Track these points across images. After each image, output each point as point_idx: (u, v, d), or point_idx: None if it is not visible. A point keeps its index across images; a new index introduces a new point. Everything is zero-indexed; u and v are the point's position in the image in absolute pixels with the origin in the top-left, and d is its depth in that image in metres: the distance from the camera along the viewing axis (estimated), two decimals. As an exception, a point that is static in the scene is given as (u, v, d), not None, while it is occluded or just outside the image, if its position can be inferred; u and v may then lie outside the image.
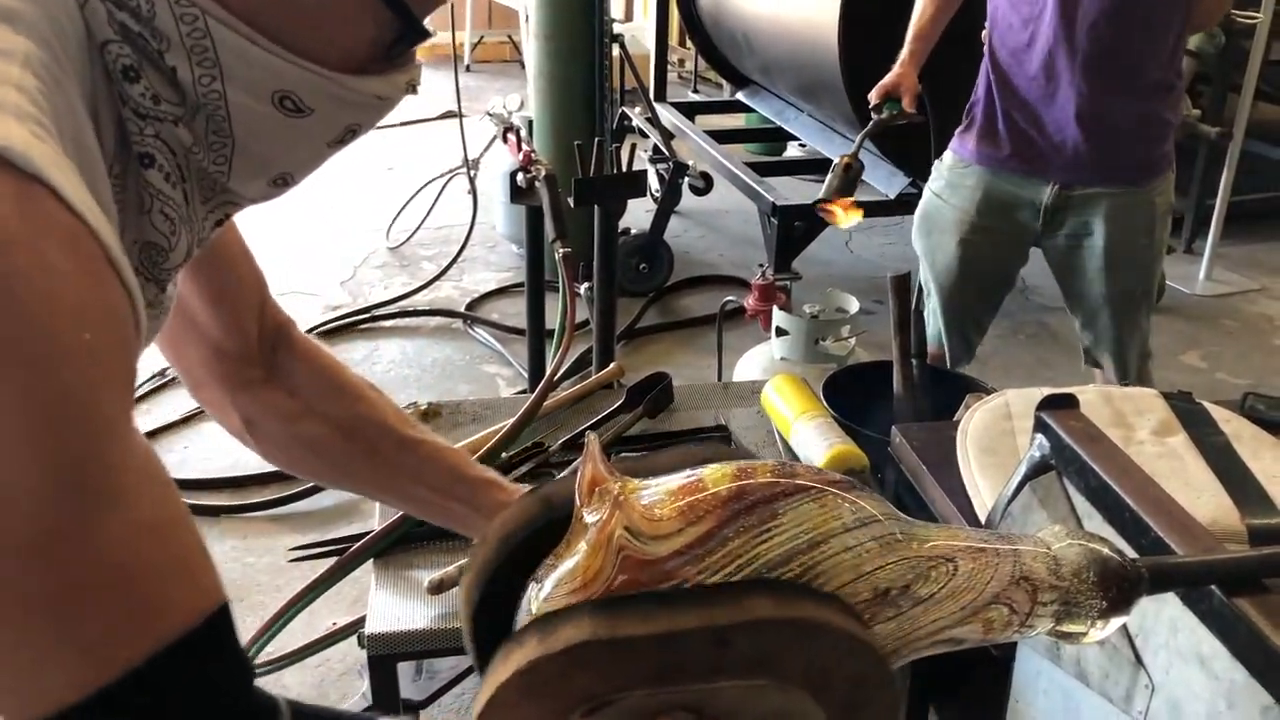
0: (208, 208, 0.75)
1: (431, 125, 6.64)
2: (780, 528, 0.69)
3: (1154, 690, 1.00)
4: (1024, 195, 2.50)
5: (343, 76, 0.70)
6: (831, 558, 0.70)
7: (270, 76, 0.68)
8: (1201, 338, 4.37)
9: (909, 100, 2.56)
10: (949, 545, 0.76)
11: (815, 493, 0.72)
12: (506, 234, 4.80)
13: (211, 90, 0.68)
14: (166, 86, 0.67)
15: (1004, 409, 1.56)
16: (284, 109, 0.69)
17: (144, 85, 0.67)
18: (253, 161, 0.73)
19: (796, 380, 1.99)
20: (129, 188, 0.69)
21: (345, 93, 0.70)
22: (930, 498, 1.50)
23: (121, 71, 0.66)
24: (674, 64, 7.72)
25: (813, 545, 0.70)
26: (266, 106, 0.69)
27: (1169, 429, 1.48)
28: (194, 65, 0.67)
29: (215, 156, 0.71)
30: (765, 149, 6.05)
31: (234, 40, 0.66)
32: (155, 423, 3.39)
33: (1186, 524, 0.96)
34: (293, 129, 0.70)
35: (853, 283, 3.42)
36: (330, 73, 0.69)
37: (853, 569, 0.71)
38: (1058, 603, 0.77)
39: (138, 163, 0.69)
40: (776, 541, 0.68)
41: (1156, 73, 2.38)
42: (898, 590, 0.72)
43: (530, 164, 2.53)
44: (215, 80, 0.67)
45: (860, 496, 0.75)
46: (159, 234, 0.71)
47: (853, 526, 0.72)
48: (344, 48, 0.69)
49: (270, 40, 0.67)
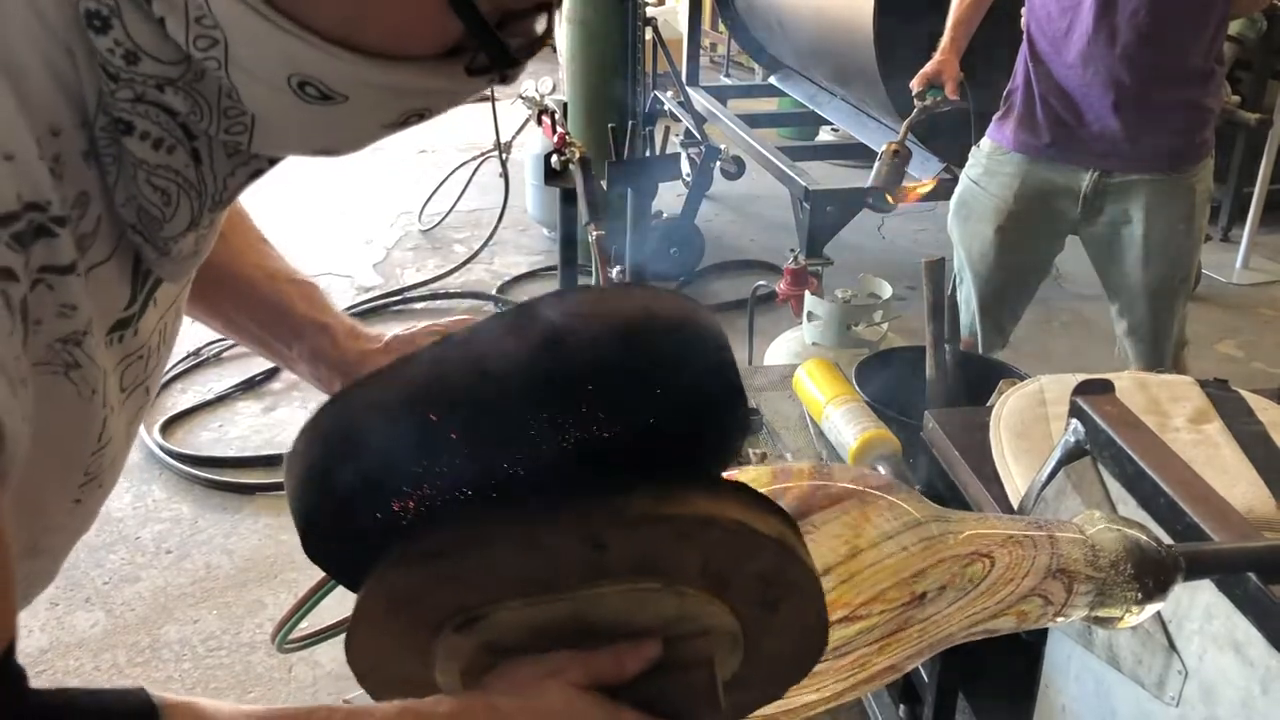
0: (232, 164, 0.63)
1: (463, 108, 6.61)
2: (816, 541, 0.70)
3: (1187, 675, 1.00)
4: (1062, 183, 2.49)
5: (383, 64, 0.57)
6: (870, 566, 0.71)
7: (283, 58, 0.56)
8: (1238, 326, 4.32)
9: (951, 87, 2.55)
10: (985, 538, 0.76)
11: (850, 502, 0.73)
12: (537, 217, 4.81)
13: (209, 58, 0.56)
14: (154, 39, 0.55)
15: (1038, 395, 1.55)
16: (304, 95, 0.57)
17: (113, 39, 0.55)
18: (280, 137, 0.62)
19: (828, 365, 1.99)
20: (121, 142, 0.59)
21: (389, 81, 0.58)
22: (963, 483, 1.50)
23: (85, 16, 0.55)
24: (706, 48, 7.69)
25: (850, 555, 0.70)
26: (283, 91, 0.57)
27: (1205, 416, 1.47)
28: (190, 22, 0.55)
29: (229, 125, 0.59)
30: (798, 134, 6.02)
31: (233, 8, 0.54)
32: (190, 401, 3.43)
33: (1223, 510, 0.96)
34: (323, 115, 0.59)
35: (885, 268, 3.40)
36: (363, 59, 0.56)
37: (891, 575, 0.71)
38: (1094, 592, 0.77)
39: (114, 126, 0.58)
40: (814, 552, 0.67)
41: (1197, 59, 2.36)
42: (935, 592, 0.73)
43: (565, 146, 2.54)
44: (215, 46, 0.55)
45: (898, 496, 0.75)
46: (149, 202, 0.61)
47: (890, 535, 0.72)
48: (391, 28, 0.57)
49: (283, 14, 0.55)
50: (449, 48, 0.59)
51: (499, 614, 0.61)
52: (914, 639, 0.75)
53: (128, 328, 0.66)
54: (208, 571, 2.71)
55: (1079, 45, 2.35)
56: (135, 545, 2.79)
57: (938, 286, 1.91)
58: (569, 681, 0.61)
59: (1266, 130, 4.60)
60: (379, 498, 0.58)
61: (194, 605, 2.60)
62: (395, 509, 0.58)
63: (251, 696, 2.32)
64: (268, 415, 3.43)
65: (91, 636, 2.48)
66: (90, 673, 2.38)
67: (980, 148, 2.62)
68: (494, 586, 0.60)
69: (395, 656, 0.64)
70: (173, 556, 2.77)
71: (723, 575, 0.61)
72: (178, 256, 0.65)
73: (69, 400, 0.60)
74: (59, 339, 0.58)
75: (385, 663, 0.65)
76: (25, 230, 0.52)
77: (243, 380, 3.53)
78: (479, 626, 0.61)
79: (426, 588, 0.60)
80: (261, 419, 3.41)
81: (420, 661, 0.64)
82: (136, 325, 0.67)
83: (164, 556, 2.77)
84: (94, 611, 2.55)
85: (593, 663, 0.61)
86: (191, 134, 0.60)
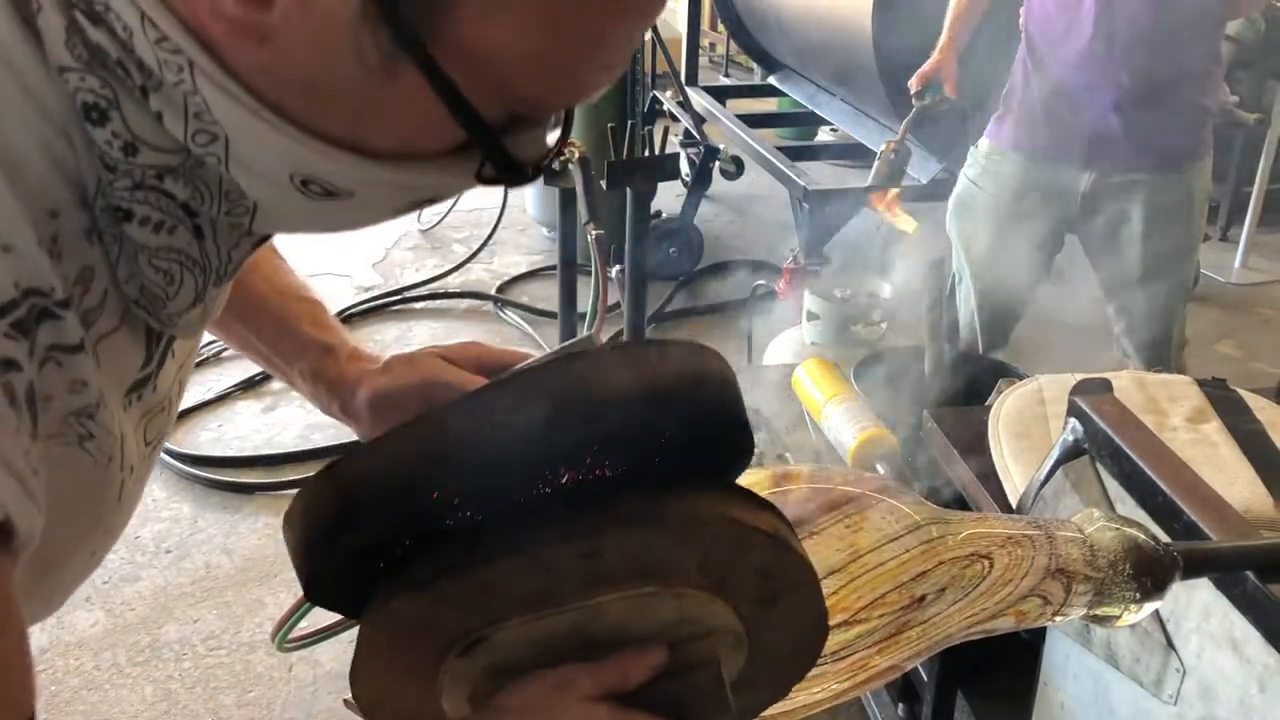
0: (235, 236, 0.63)
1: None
2: (816, 545, 0.70)
3: (1185, 674, 1.00)
4: (1061, 182, 2.49)
5: (390, 165, 0.56)
6: (870, 570, 0.71)
7: (285, 159, 0.55)
8: (1236, 326, 4.32)
9: (950, 86, 2.55)
10: (984, 538, 0.76)
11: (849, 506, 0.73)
12: (537, 217, 4.81)
13: (209, 153, 0.55)
14: (153, 131, 0.55)
15: (1037, 394, 1.56)
16: (308, 192, 0.56)
17: (111, 131, 0.54)
18: (283, 222, 0.61)
19: (827, 364, 1.99)
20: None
21: (396, 180, 0.57)
22: (962, 482, 1.50)
23: (83, 109, 0.54)
24: (706, 48, 7.70)
25: (850, 559, 0.70)
26: (286, 188, 0.56)
27: (1203, 416, 1.48)
28: (189, 118, 0.54)
29: (231, 208, 0.58)
30: (797, 134, 6.02)
31: (232, 110, 0.53)
32: (190, 401, 3.43)
33: (1221, 509, 0.96)
34: (328, 208, 0.58)
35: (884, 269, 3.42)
36: (369, 161, 0.55)
37: (891, 579, 0.71)
38: (1092, 592, 0.78)
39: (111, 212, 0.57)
40: (814, 557, 0.67)
41: (1195, 60, 2.36)
42: (934, 595, 0.73)
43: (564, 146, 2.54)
44: (214, 142, 0.54)
45: (896, 498, 0.75)
46: (152, 282, 0.60)
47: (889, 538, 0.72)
48: (397, 134, 0.56)
49: (285, 119, 0.53)
50: (458, 145, 0.57)
51: (500, 634, 0.61)
52: (913, 641, 0.75)
53: (146, 386, 0.66)
54: (208, 571, 2.71)
55: (1077, 45, 2.36)
56: (135, 545, 2.79)
57: (936, 286, 1.91)
58: (580, 695, 0.61)
59: (1265, 130, 4.61)
60: (383, 553, 0.60)
61: (194, 605, 2.60)
62: (396, 553, 0.60)
63: (252, 695, 2.32)
64: (267, 415, 3.43)
65: (91, 636, 2.48)
66: (90, 672, 2.38)
67: (978, 148, 2.63)
68: (494, 607, 0.60)
69: (401, 687, 0.64)
70: (172, 556, 2.77)
71: (720, 573, 0.61)
72: (186, 325, 0.65)
73: (85, 470, 0.60)
74: (72, 413, 0.58)
75: (392, 695, 0.65)
76: (26, 317, 0.52)
77: (242, 380, 3.53)
78: (482, 649, 0.61)
79: (427, 615, 0.60)
80: (261, 419, 3.41)
81: (427, 691, 0.64)
82: (155, 382, 0.67)
83: (164, 556, 2.77)
84: (94, 611, 2.55)
85: (600, 673, 0.61)
86: (193, 212, 0.59)
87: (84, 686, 2.34)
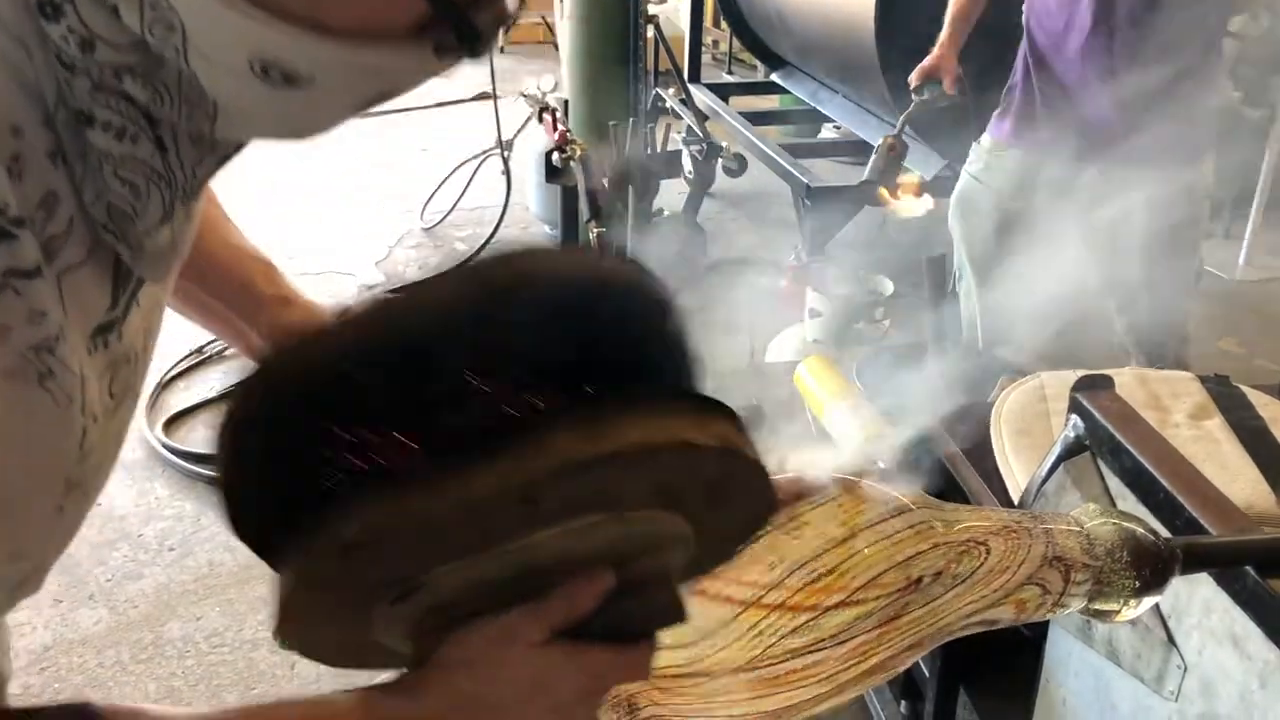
0: (199, 151, 0.62)
1: (465, 107, 6.65)
2: (808, 525, 0.70)
3: (1186, 670, 1.00)
4: (1061, 177, 2.49)
5: (349, 45, 0.55)
6: (862, 550, 0.71)
7: (243, 42, 0.54)
8: (1240, 323, 4.31)
9: (949, 82, 2.55)
10: (981, 527, 0.76)
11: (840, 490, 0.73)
12: (539, 215, 4.81)
13: (169, 45, 0.54)
14: (109, 25, 0.54)
15: (1039, 391, 1.56)
16: (268, 79, 0.55)
17: (66, 26, 0.53)
18: (244, 123, 0.60)
19: (829, 362, 1.99)
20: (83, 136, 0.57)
21: (356, 62, 0.56)
22: (963, 478, 1.50)
23: (38, 5, 0.53)
24: (708, 45, 7.69)
25: (843, 540, 0.71)
26: (245, 76, 0.55)
27: (1205, 412, 1.48)
28: (144, 8, 0.53)
29: (192, 112, 0.58)
30: (800, 131, 6.01)
31: None
32: (193, 399, 3.43)
33: (1221, 505, 0.96)
34: (289, 99, 0.57)
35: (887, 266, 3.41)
36: (328, 40, 0.54)
37: (885, 559, 0.72)
38: (1091, 582, 0.78)
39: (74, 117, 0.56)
40: (806, 538, 0.68)
41: (1196, 55, 2.36)
42: (930, 577, 0.73)
43: (566, 144, 2.54)
44: (172, 32, 0.53)
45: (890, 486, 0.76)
46: (118, 197, 0.59)
47: (882, 518, 0.73)
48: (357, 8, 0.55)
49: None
50: (416, 26, 0.56)
51: (436, 579, 0.58)
52: (912, 627, 0.75)
53: (111, 332, 0.64)
54: (210, 569, 2.72)
55: (1077, 41, 2.35)
56: (138, 543, 2.79)
57: (938, 284, 1.91)
58: (528, 644, 0.59)
59: (1269, 126, 4.60)
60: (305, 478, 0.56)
61: (197, 602, 2.60)
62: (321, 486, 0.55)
63: (255, 693, 2.32)
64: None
65: (95, 634, 2.48)
66: (94, 669, 2.38)
67: (981, 143, 2.63)
68: (424, 555, 0.57)
69: (330, 634, 0.62)
70: (175, 554, 2.77)
71: (670, 493, 0.58)
72: (155, 252, 0.64)
73: (45, 410, 0.58)
74: (31, 346, 0.56)
75: (320, 643, 0.63)
76: None
77: (245, 378, 3.53)
78: (418, 595, 0.59)
79: (349, 572, 0.56)
80: (264, 417, 3.41)
81: (360, 629, 0.62)
82: (121, 329, 0.65)
83: (167, 554, 2.77)
84: (97, 609, 2.56)
85: (547, 612, 0.59)
86: (155, 121, 0.58)
87: (87, 684, 2.34)
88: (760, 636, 0.71)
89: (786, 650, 0.72)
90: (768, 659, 0.72)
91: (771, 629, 0.71)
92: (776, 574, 0.70)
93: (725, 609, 0.72)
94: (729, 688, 0.73)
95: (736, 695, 0.74)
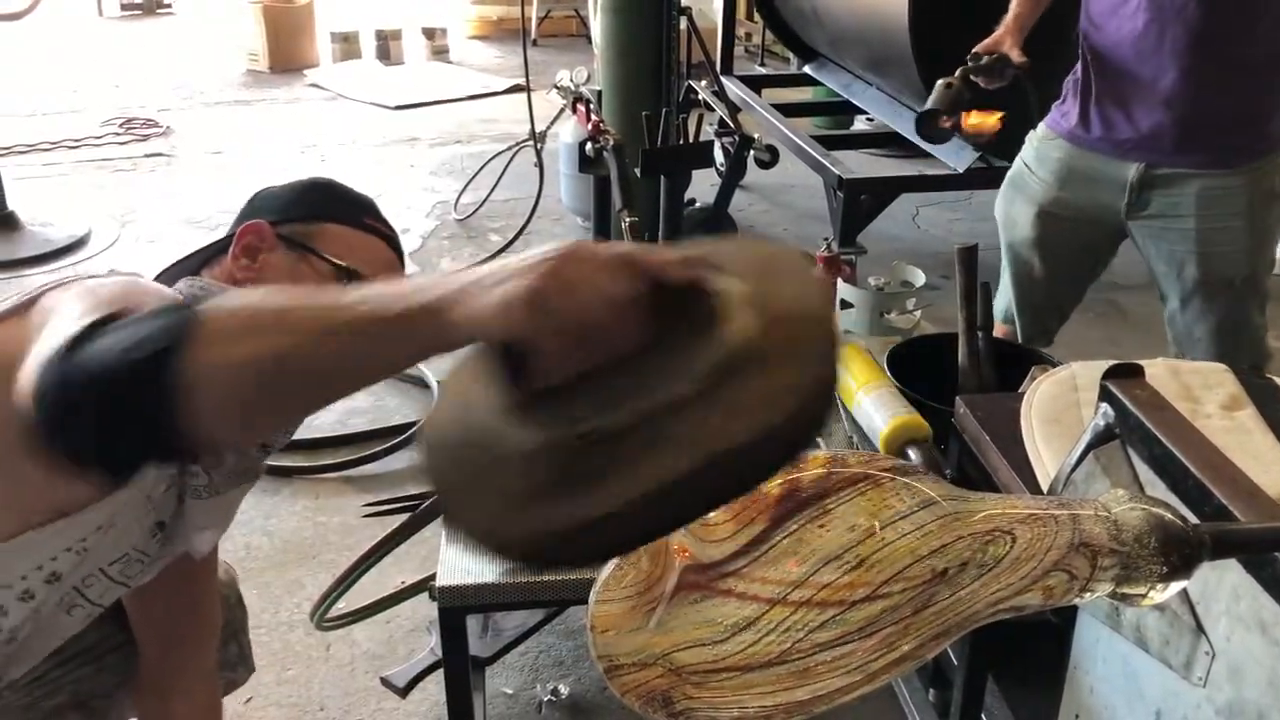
0: None
1: (499, 99, 6.70)
2: (833, 521, 0.72)
3: (1214, 656, 1.01)
4: (1108, 171, 2.44)
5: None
6: (887, 544, 0.72)
7: None
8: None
9: (1016, 54, 2.47)
10: (1006, 516, 0.77)
11: (865, 484, 0.74)
12: (571, 206, 4.84)
13: None
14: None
15: (1070, 380, 1.56)
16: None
17: None
18: None
19: (861, 352, 2.00)
20: None
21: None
22: (993, 468, 1.51)
23: None
24: (741, 38, 7.67)
25: (868, 534, 0.72)
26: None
27: (1237, 403, 1.47)
28: None
29: None
30: (832, 123, 6.00)
31: None
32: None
33: (1251, 492, 0.96)
34: None
35: (919, 257, 3.39)
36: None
37: (909, 553, 0.73)
38: (1118, 567, 0.78)
39: None
40: (831, 535, 0.69)
41: (1255, 53, 2.30)
42: (956, 569, 0.74)
43: (599, 134, 2.56)
44: None
45: (915, 478, 0.77)
46: None
47: (907, 513, 0.74)
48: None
49: None
50: None
51: None
52: (939, 618, 0.76)
53: None
54: (247, 552, 2.76)
55: (1131, 37, 2.32)
56: (177, 526, 2.84)
57: (970, 274, 1.91)
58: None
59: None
60: None
61: (234, 585, 2.64)
62: None
63: (290, 674, 2.36)
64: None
65: (135, 615, 2.53)
66: (134, 650, 2.43)
67: (1036, 131, 2.60)
68: None
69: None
70: (213, 538, 2.82)
71: None
72: None
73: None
74: None
75: None
76: None
77: (281, 366, 3.58)
78: None
79: None
80: (299, 404, 3.45)
81: None
82: None
83: (205, 538, 2.82)
84: (137, 590, 2.61)
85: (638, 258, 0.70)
86: None
87: (128, 664, 2.39)
88: (789, 632, 0.73)
89: (815, 644, 0.73)
90: (797, 653, 0.73)
91: (799, 624, 0.72)
92: (804, 570, 0.71)
93: (753, 607, 0.74)
94: (760, 680, 0.75)
95: (768, 687, 0.75)
